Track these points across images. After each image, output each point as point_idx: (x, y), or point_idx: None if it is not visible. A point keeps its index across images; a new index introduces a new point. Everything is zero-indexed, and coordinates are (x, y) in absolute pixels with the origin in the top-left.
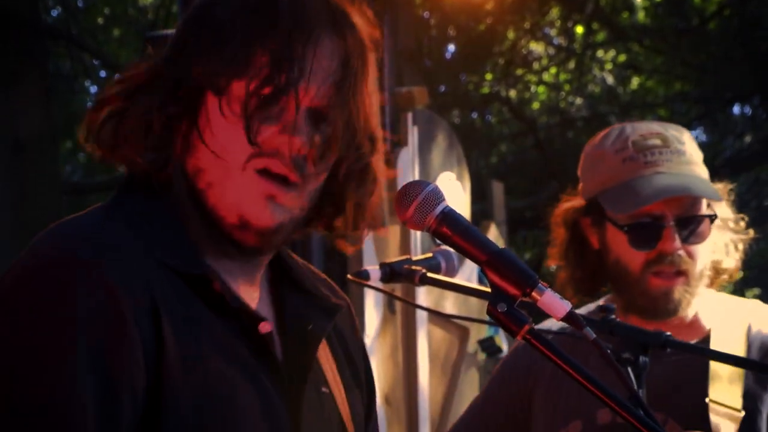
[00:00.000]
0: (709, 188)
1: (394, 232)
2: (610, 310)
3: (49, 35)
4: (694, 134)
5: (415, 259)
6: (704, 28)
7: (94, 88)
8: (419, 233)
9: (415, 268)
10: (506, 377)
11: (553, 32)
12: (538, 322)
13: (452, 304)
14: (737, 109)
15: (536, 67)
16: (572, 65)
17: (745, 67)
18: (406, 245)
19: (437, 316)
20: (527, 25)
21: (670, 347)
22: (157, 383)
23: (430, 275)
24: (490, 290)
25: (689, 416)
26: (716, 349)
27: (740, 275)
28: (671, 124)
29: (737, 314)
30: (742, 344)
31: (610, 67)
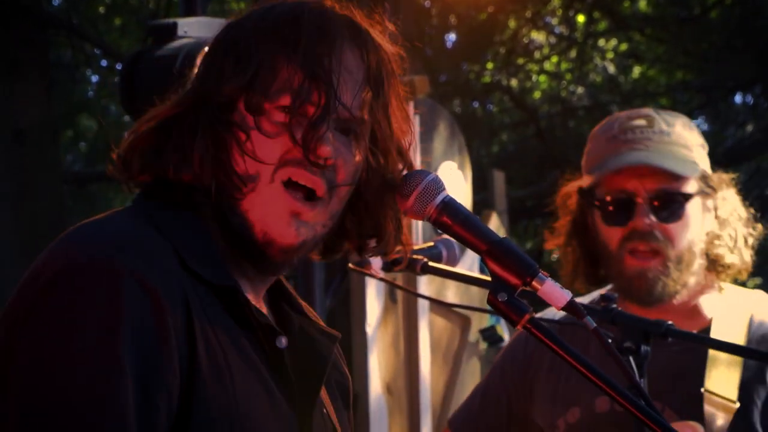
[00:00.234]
0: (681, 165)
1: None
2: (611, 299)
3: (50, 25)
4: (695, 123)
5: (416, 248)
6: (706, 17)
7: (95, 77)
8: (420, 222)
9: (416, 257)
10: (507, 366)
11: (554, 21)
12: (538, 310)
13: (454, 293)
14: (739, 98)
15: (537, 56)
16: (574, 54)
17: (746, 56)
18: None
19: (438, 305)
20: (528, 14)
21: (671, 336)
22: (189, 391)
23: (431, 264)
24: (490, 280)
25: (685, 406)
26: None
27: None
28: (672, 111)
29: (740, 305)
30: (742, 335)
31: (611, 56)
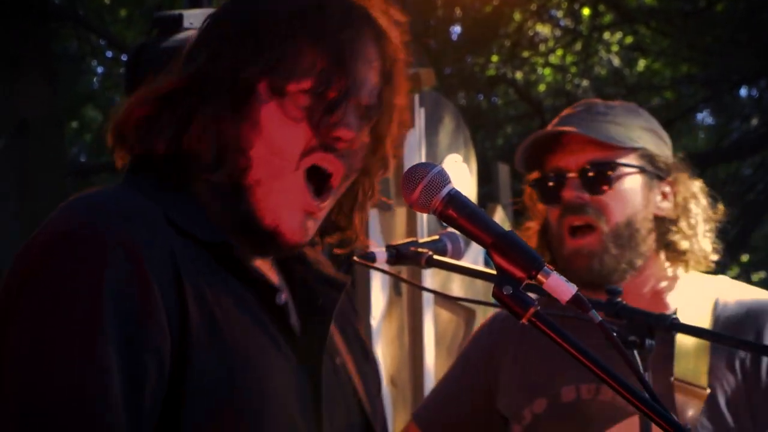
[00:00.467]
0: (609, 136)
1: (400, 214)
2: (615, 292)
3: (55, 16)
4: (700, 117)
5: (421, 241)
6: (711, 10)
7: (100, 68)
8: (425, 215)
9: (421, 250)
10: (471, 357)
11: (559, 14)
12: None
13: (459, 286)
14: (744, 91)
15: (542, 49)
16: (579, 47)
17: (751, 49)
18: (412, 227)
19: (443, 298)
20: (534, 6)
21: (676, 330)
22: (182, 347)
23: (436, 257)
24: (495, 273)
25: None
26: None
27: (746, 258)
28: (628, 103)
29: (705, 291)
30: (708, 319)
31: (616, 49)
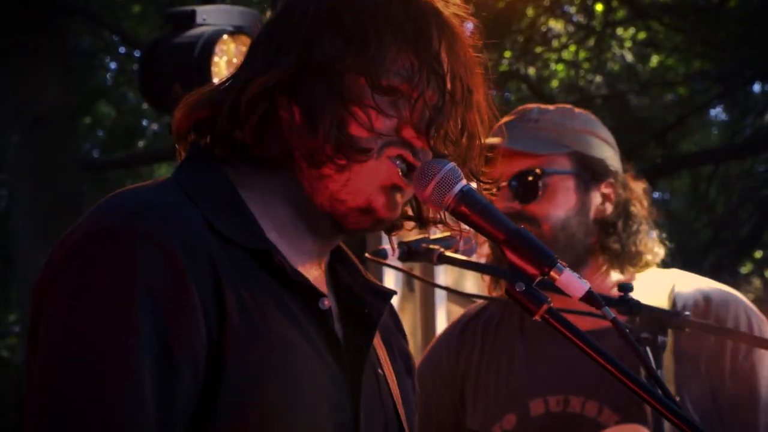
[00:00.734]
0: (533, 145)
1: None
2: (628, 288)
3: (68, 11)
4: (713, 113)
5: (433, 237)
6: (724, 6)
7: (113, 64)
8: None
9: (433, 246)
10: (428, 380)
11: (572, 10)
12: None
13: (472, 283)
14: (757, 87)
15: (555, 44)
16: (592, 43)
17: (765, 45)
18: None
19: (456, 294)
20: (547, 2)
21: (688, 327)
22: (219, 350)
23: (448, 254)
24: (508, 269)
25: (624, 403)
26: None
27: (759, 255)
28: (564, 105)
29: (661, 283)
30: (666, 307)
31: (629, 44)
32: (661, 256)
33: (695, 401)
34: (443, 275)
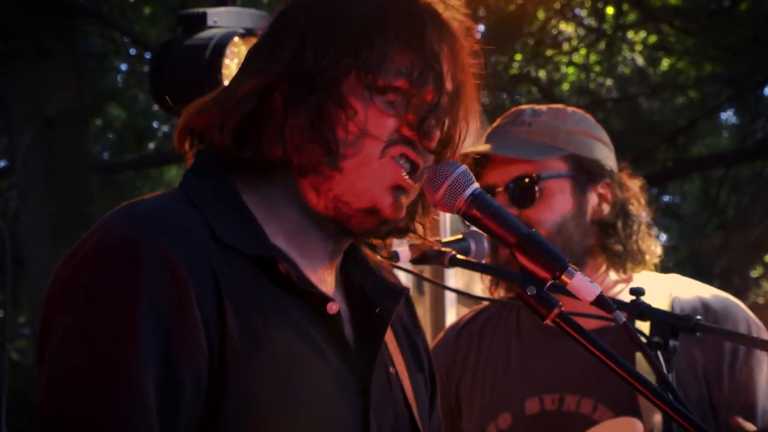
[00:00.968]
0: (526, 150)
1: None
2: (639, 292)
3: (79, 13)
4: (724, 116)
5: (444, 240)
6: (735, 9)
7: (124, 66)
8: (448, 215)
9: (444, 249)
10: None
11: (583, 13)
12: None
13: (482, 285)
14: None
15: (566, 47)
16: (602, 46)
17: None
18: (435, 226)
19: (465, 297)
20: (557, 5)
21: (699, 332)
22: (220, 363)
23: (459, 257)
24: (519, 273)
25: (619, 400)
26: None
27: None
28: (557, 105)
29: (659, 289)
30: None
31: (640, 48)
32: (658, 253)
33: (691, 404)
34: (453, 278)
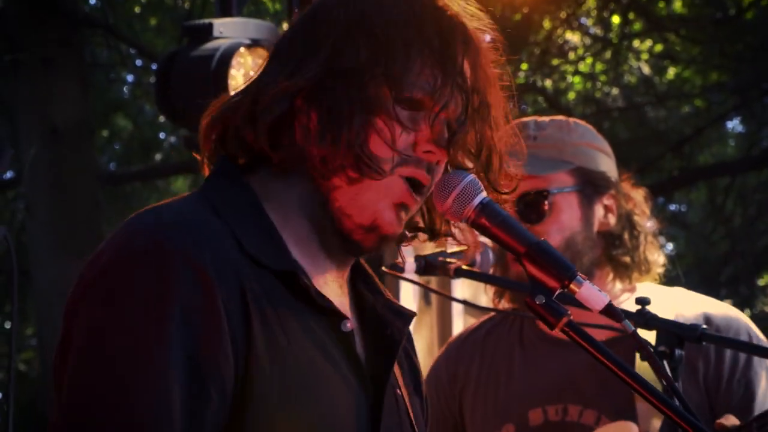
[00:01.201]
0: (533, 166)
1: None
2: (645, 302)
3: (86, 24)
4: (730, 125)
5: (450, 251)
6: (741, 17)
7: (130, 77)
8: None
9: (450, 260)
10: (431, 392)
11: (589, 22)
12: None
13: (489, 296)
14: None
15: (572, 56)
16: (608, 55)
17: None
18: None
19: (472, 308)
20: (563, 14)
21: (705, 341)
22: (245, 372)
23: (465, 268)
24: (527, 283)
25: (620, 410)
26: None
27: None
28: (559, 117)
29: (663, 304)
30: None
31: (646, 57)
32: (661, 263)
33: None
34: (460, 289)
